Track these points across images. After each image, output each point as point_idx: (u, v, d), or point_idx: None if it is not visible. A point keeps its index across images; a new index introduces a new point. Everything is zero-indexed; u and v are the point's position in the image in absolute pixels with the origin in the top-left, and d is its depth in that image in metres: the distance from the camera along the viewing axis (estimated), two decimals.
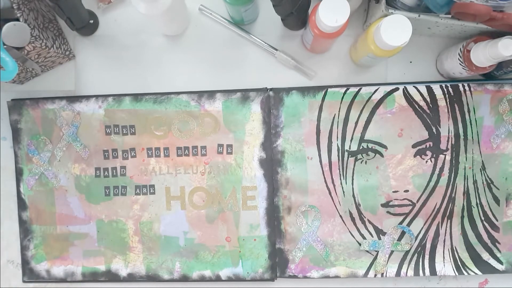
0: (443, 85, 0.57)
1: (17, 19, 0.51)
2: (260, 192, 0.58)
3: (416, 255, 0.57)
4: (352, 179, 0.57)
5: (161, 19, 0.52)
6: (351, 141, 0.57)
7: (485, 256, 0.57)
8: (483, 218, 0.57)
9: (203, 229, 0.59)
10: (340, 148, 0.57)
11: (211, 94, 0.58)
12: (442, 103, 0.57)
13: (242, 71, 0.60)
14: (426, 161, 0.57)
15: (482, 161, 0.57)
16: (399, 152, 0.57)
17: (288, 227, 0.58)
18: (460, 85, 0.57)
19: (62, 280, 0.60)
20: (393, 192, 0.57)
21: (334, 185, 0.58)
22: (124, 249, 0.59)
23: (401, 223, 0.57)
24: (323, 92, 0.57)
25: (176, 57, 0.60)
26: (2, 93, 0.61)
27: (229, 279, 0.59)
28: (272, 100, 0.58)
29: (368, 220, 0.57)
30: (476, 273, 0.57)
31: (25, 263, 0.60)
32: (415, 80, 0.59)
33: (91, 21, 0.59)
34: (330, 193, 0.58)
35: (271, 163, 0.58)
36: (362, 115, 0.57)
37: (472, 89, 0.57)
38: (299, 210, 0.58)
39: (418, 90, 0.57)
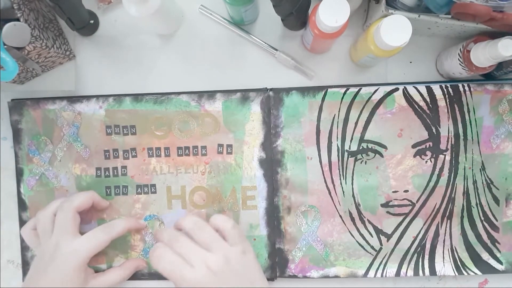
0: (443, 85, 0.57)
1: (18, 19, 0.51)
2: (260, 192, 0.58)
3: (415, 255, 0.57)
4: (352, 179, 0.58)
5: (152, 20, 0.52)
6: (351, 141, 0.57)
7: (485, 256, 0.57)
8: (483, 218, 0.57)
9: None
10: (340, 148, 0.57)
11: (211, 94, 0.58)
12: (442, 103, 0.57)
13: (242, 71, 0.60)
14: (426, 161, 0.57)
15: (482, 161, 0.57)
16: (399, 152, 0.57)
17: (288, 227, 0.58)
18: (460, 85, 0.57)
19: None
20: (393, 192, 0.57)
21: (334, 185, 0.58)
22: (125, 247, 0.59)
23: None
24: (323, 92, 0.57)
25: (176, 57, 0.60)
26: (2, 93, 0.61)
27: None
28: (272, 100, 0.58)
29: (368, 220, 0.58)
30: (476, 273, 0.57)
31: (25, 263, 0.60)
32: (415, 80, 0.59)
33: (92, 21, 0.59)
34: (330, 193, 0.58)
35: (271, 163, 0.58)
36: (362, 115, 0.57)
37: (472, 89, 0.57)
38: (299, 210, 0.58)
39: (418, 90, 0.57)
